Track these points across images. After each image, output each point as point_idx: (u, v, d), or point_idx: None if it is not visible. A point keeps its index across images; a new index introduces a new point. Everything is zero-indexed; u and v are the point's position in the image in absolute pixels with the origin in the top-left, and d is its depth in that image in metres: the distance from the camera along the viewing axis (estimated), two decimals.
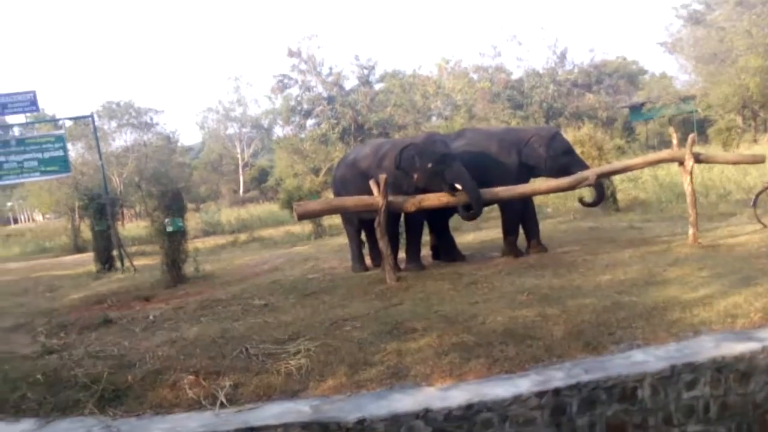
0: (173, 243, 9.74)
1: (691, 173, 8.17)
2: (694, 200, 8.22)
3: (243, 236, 17.35)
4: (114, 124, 35.62)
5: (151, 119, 37.82)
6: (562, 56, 26.77)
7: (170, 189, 10.11)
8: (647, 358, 4.51)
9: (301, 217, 8.07)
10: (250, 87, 44.69)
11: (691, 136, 8.34)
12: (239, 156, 44.15)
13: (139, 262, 12.99)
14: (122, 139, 36.69)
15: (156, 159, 32.99)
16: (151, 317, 7.17)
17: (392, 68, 33.29)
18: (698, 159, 8.25)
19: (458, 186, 7.66)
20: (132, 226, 24.87)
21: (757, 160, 9.19)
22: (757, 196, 9.28)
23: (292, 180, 21.25)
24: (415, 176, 7.90)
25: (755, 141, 26.80)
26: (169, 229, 9.61)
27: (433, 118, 31.48)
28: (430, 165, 7.77)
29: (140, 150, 33.18)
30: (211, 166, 44.06)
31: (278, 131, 42.11)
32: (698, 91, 30.92)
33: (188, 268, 10.02)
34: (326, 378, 4.69)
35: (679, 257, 7.39)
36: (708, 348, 4.54)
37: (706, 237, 8.30)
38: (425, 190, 7.91)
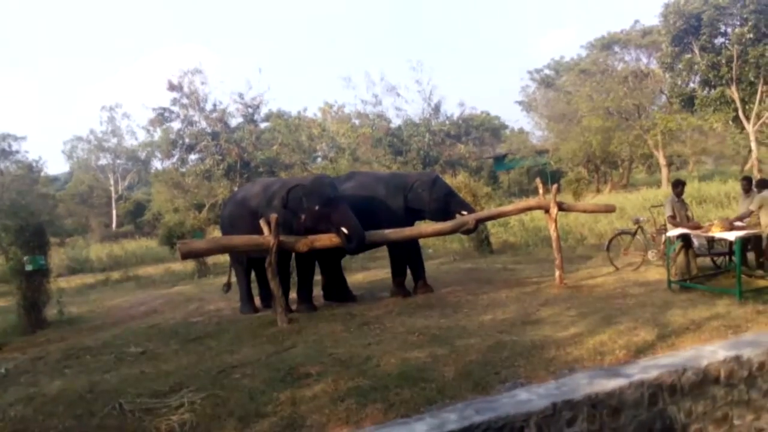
0: (33, 283, 8.78)
1: (555, 220, 8.97)
2: (559, 245, 9.00)
3: (116, 274, 15.99)
4: None
5: (10, 146, 34.25)
6: (437, 108, 28.61)
7: (30, 223, 9.05)
8: (531, 397, 4.74)
9: (185, 256, 7.64)
10: (126, 118, 42.01)
11: (554, 187, 9.20)
12: (112, 188, 41.45)
13: None
14: None
15: (14, 189, 29.78)
16: (2, 369, 6.30)
17: (277, 108, 33.45)
18: (561, 207, 9.09)
19: (344, 229, 7.70)
20: None
21: (609, 210, 10.31)
22: (610, 241, 10.40)
23: (172, 215, 20.03)
24: (302, 217, 7.86)
25: (598, 191, 30.19)
26: (29, 267, 8.64)
27: (319, 159, 31.80)
28: (317, 207, 7.78)
29: None
30: (79, 198, 40.68)
31: (157, 164, 40.21)
32: (550, 146, 34.52)
33: (50, 311, 9.06)
34: None
35: (549, 297, 8.01)
36: (583, 385, 4.90)
37: (570, 278, 9.09)
38: (312, 231, 7.89)
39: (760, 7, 18.46)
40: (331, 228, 7.76)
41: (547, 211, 9.04)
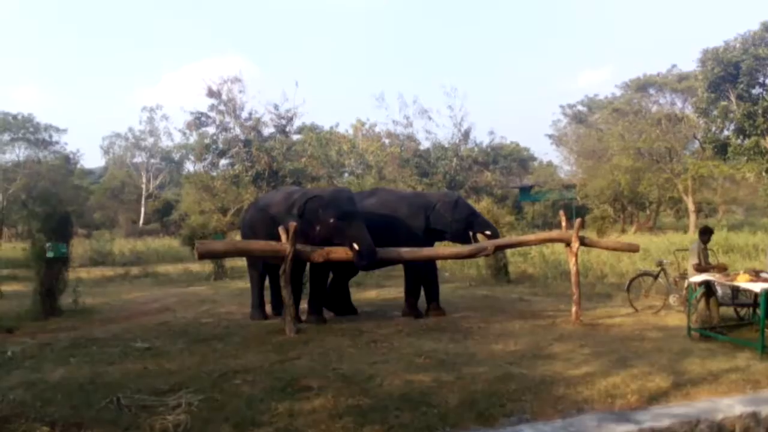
0: (52, 270, 8.87)
1: (576, 255, 8.81)
2: (578, 280, 8.82)
3: (135, 270, 16.16)
4: (6, 137, 32.87)
5: (51, 137, 35.23)
6: (466, 134, 28.69)
7: (58, 211, 9.21)
8: None
9: (203, 256, 7.67)
10: (164, 120, 43.31)
11: (578, 221, 9.05)
12: (144, 186, 42.37)
13: (9, 287, 11.62)
14: (14, 154, 33.92)
15: (49, 178, 30.48)
16: (9, 353, 6.34)
17: (310, 121, 33.92)
18: (583, 242, 8.94)
19: (355, 245, 7.61)
20: (8, 247, 22.43)
21: (632, 249, 10.09)
22: (631, 282, 10.15)
23: (197, 217, 20.25)
24: (318, 228, 7.83)
25: (623, 231, 29.73)
26: (50, 254, 8.74)
27: (346, 174, 32.05)
28: (332, 220, 7.75)
29: (33, 167, 30.59)
30: (111, 193, 41.65)
31: (189, 167, 41.09)
32: (578, 182, 34.29)
33: (66, 300, 9.12)
34: None
35: (563, 333, 7.82)
36: (590, 427, 4.72)
37: (587, 316, 8.87)
38: (328, 243, 7.85)
39: None
40: (344, 242, 7.72)
41: (568, 244, 8.89)
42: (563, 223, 9.18)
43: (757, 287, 7.02)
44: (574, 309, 8.66)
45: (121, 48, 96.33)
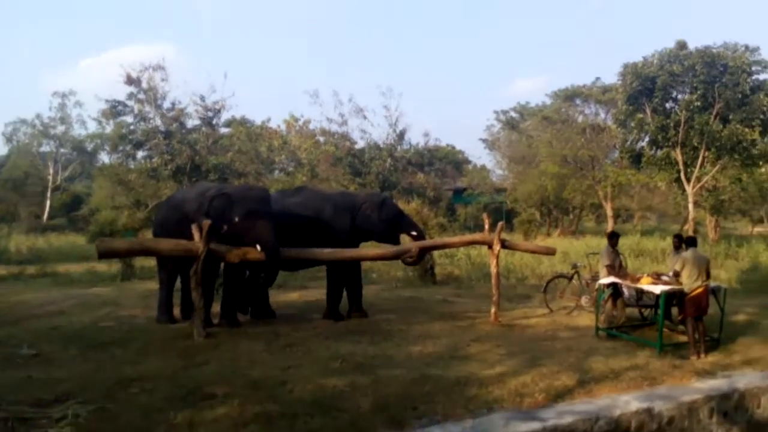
0: None
1: (497, 257, 8.97)
2: (498, 282, 8.98)
3: (32, 269, 14.84)
4: None
5: None
6: (401, 135, 28.67)
7: None
8: None
9: (103, 255, 7.17)
10: (78, 107, 40.04)
11: (500, 224, 9.21)
12: (50, 177, 38.92)
13: None
14: None
15: None
16: None
17: (240, 115, 32.84)
18: (504, 245, 9.10)
19: (258, 247, 7.35)
20: None
21: (549, 252, 10.38)
22: (548, 283, 10.45)
23: (109, 212, 18.90)
24: (225, 227, 7.47)
25: (548, 234, 30.85)
26: None
27: (276, 172, 31.26)
28: (236, 219, 7.46)
29: None
30: (12, 184, 37.91)
31: (104, 158, 38.46)
32: (509, 186, 35.37)
33: None
34: None
35: (481, 334, 7.93)
36: (498, 426, 4.77)
37: (505, 316, 9.05)
38: (239, 242, 7.50)
39: (708, 78, 19.45)
40: (250, 242, 7.42)
41: (490, 246, 9.03)
42: (486, 226, 9.33)
43: (657, 289, 7.39)
44: (493, 310, 8.81)
45: (32, 28, 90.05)
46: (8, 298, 10.18)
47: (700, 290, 7.08)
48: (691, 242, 7.59)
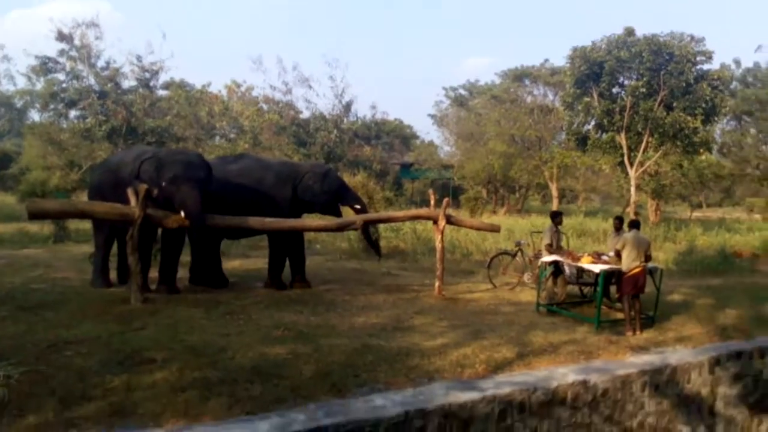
0: None
1: (442, 232, 9.05)
2: (443, 256, 9.08)
3: None
4: None
5: None
6: (348, 107, 28.26)
7: None
8: (385, 403, 4.65)
9: (34, 216, 6.80)
10: (6, 61, 37.65)
11: (445, 200, 9.29)
12: None
13: None
14: None
15: None
16: None
17: (179, 78, 31.56)
18: (449, 220, 9.20)
19: (181, 213, 7.16)
20: None
21: (494, 229, 10.58)
22: (491, 260, 10.68)
23: (40, 172, 17.96)
24: (155, 191, 7.19)
25: (494, 212, 31.47)
26: None
27: (217, 138, 30.34)
28: (164, 183, 7.24)
29: None
30: None
31: (34, 116, 36.46)
32: (456, 162, 35.66)
33: None
34: (27, 413, 3.88)
35: (425, 306, 8.04)
36: (439, 395, 4.87)
37: (449, 290, 9.20)
38: (170, 207, 7.28)
39: (654, 66, 20.02)
40: (176, 208, 7.22)
41: (435, 222, 9.10)
42: (432, 202, 9.38)
43: (596, 268, 7.67)
44: (437, 284, 8.92)
45: None
46: None
47: (637, 270, 7.36)
48: (634, 225, 7.87)
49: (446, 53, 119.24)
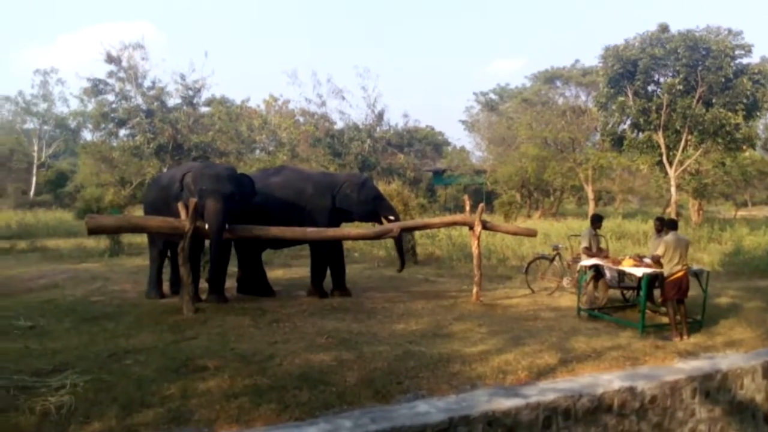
0: None
1: (478, 238, 9.10)
2: (480, 262, 9.12)
3: (23, 244, 14.92)
4: None
5: None
6: (380, 116, 28.63)
7: None
8: (429, 409, 4.74)
9: (93, 231, 7.18)
10: (60, 84, 39.73)
11: (480, 206, 9.33)
12: (35, 154, 38.93)
13: None
14: None
15: None
16: None
17: (220, 94, 32.52)
18: (485, 226, 9.24)
19: (206, 226, 7.32)
20: None
21: (530, 234, 10.57)
22: (529, 264, 10.66)
23: (94, 189, 18.88)
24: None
25: (529, 216, 31.19)
26: None
27: (257, 151, 31.15)
28: (196, 197, 7.42)
29: None
30: None
31: (86, 135, 38.27)
32: (488, 167, 35.45)
33: None
34: (92, 420, 4.11)
35: (464, 313, 8.09)
36: (482, 402, 4.93)
37: (487, 296, 9.22)
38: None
39: (691, 62, 19.58)
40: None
41: (471, 227, 9.16)
42: (467, 208, 9.44)
43: (639, 272, 7.57)
44: (475, 290, 8.96)
45: (9, 3, 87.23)
46: (1, 272, 10.14)
47: (680, 273, 7.23)
48: (672, 225, 7.75)
49: (475, 56, 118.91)
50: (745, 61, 20.02)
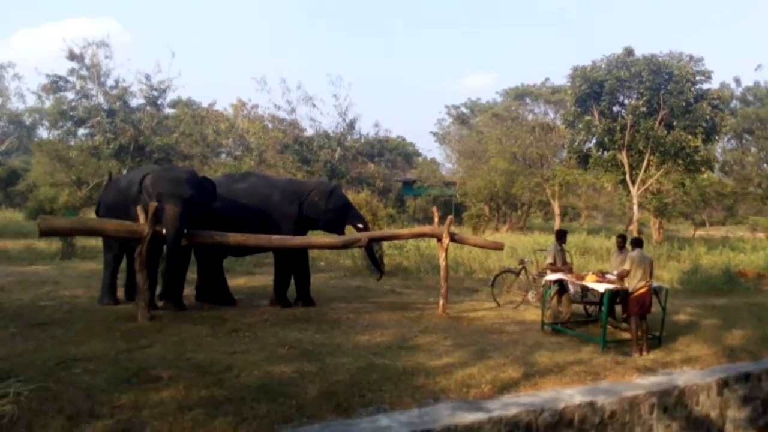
0: None
1: (446, 250, 9.08)
2: (447, 274, 9.10)
3: None
4: None
5: None
6: (351, 125, 28.60)
7: None
8: (391, 424, 4.64)
9: (45, 233, 6.86)
10: (16, 79, 38.09)
11: (449, 218, 9.34)
12: None
13: None
14: None
15: None
16: None
17: (186, 96, 31.98)
18: (453, 238, 9.23)
19: (164, 231, 7.08)
20: None
21: (497, 247, 10.59)
22: (495, 278, 10.68)
23: (48, 189, 18.11)
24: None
25: (496, 229, 31.53)
26: None
27: (223, 155, 30.66)
28: (153, 201, 7.17)
29: None
30: None
31: (42, 133, 36.92)
32: (458, 180, 35.81)
33: None
34: None
35: (429, 325, 8.03)
36: (444, 416, 4.86)
37: (453, 308, 9.20)
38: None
39: (654, 85, 20.23)
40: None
41: (439, 239, 9.14)
42: (436, 219, 9.43)
43: (601, 287, 7.66)
44: (441, 302, 8.93)
45: None
46: None
47: (643, 290, 7.33)
48: (637, 243, 7.87)
49: (448, 71, 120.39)
50: (705, 86, 20.81)
